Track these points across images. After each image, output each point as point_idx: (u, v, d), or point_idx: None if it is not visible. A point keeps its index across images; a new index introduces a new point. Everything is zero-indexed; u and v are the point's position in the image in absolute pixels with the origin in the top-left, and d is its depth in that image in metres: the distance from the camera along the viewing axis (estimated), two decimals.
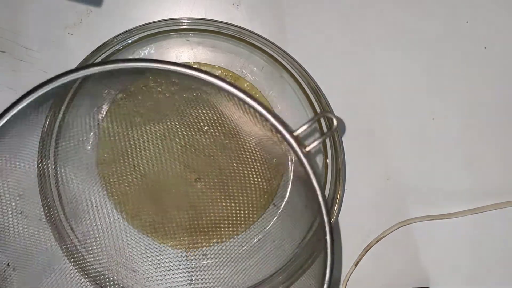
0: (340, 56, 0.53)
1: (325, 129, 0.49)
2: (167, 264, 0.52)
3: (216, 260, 0.52)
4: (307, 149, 0.39)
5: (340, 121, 0.52)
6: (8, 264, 0.45)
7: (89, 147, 0.52)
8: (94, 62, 0.49)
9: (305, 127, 0.40)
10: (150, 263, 0.52)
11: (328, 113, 0.41)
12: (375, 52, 0.53)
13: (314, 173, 0.39)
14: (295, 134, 0.39)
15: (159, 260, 0.52)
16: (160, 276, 0.51)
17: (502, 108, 0.54)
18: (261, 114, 0.39)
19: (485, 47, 0.54)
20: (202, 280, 0.51)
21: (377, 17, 0.54)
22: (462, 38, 0.54)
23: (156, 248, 0.52)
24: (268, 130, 0.41)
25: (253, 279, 0.51)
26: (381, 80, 0.54)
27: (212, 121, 0.52)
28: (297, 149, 0.39)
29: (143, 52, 0.51)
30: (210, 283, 0.51)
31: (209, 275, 0.52)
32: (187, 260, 0.52)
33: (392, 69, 0.54)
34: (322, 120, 0.49)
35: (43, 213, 0.48)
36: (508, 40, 0.54)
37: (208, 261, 0.52)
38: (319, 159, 0.52)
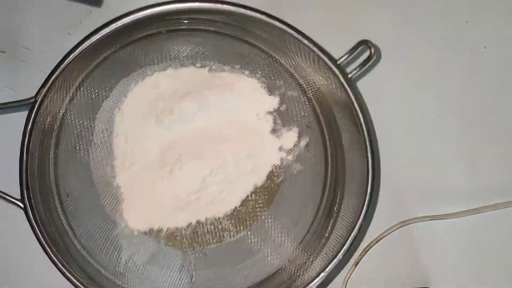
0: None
1: None
2: (168, 265, 0.52)
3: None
4: (350, 75, 0.45)
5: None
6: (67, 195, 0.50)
7: (88, 149, 0.52)
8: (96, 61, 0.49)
9: (346, 55, 0.45)
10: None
11: (368, 41, 0.45)
12: (376, 52, 0.53)
13: (356, 96, 0.45)
14: (338, 62, 0.45)
15: (158, 260, 0.52)
16: (161, 276, 0.51)
17: (502, 108, 0.54)
18: (307, 46, 0.44)
19: (485, 47, 0.54)
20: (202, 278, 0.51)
21: (376, 14, 0.54)
22: (462, 38, 0.54)
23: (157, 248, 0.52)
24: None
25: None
26: (380, 80, 0.54)
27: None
28: (340, 75, 0.45)
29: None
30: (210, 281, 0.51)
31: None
32: (187, 259, 0.52)
33: (391, 69, 0.54)
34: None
35: None
36: (508, 40, 0.54)
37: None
38: (318, 160, 0.52)
